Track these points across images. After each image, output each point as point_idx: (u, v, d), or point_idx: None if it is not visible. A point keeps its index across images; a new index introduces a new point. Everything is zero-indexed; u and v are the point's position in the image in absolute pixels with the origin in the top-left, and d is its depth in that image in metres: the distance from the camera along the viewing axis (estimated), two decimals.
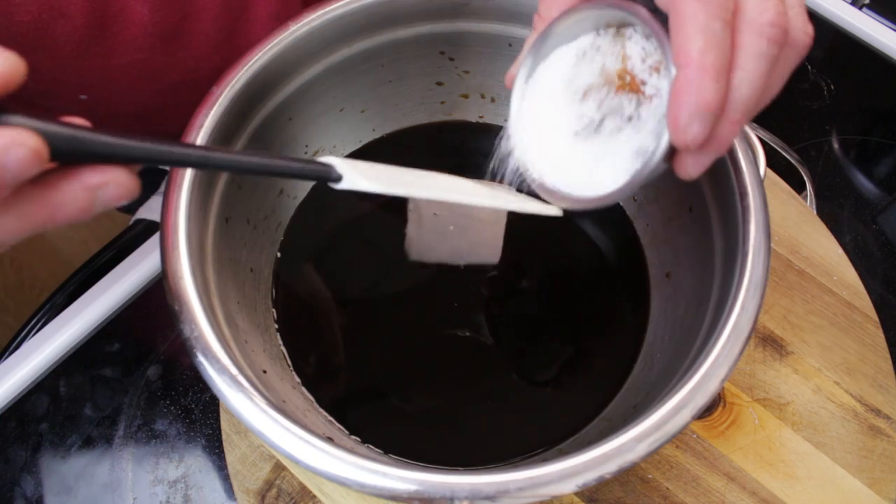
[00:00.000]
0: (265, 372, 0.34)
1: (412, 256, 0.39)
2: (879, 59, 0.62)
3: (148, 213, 0.56)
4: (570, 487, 0.26)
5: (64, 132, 0.21)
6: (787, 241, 0.47)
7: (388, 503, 0.39)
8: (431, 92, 0.45)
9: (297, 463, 0.27)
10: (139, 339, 0.48)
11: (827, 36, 0.64)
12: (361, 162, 0.28)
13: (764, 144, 0.39)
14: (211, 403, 0.45)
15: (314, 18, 0.37)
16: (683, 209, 0.38)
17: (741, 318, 0.29)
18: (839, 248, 0.47)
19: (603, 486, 0.40)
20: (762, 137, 0.53)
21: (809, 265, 0.47)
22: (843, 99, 0.61)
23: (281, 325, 0.40)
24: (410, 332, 0.41)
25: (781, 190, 0.49)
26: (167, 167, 0.31)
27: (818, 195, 0.53)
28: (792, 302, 0.45)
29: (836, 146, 0.58)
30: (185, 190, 0.32)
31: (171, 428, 0.45)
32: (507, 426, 0.38)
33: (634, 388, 0.38)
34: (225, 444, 0.41)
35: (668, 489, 0.40)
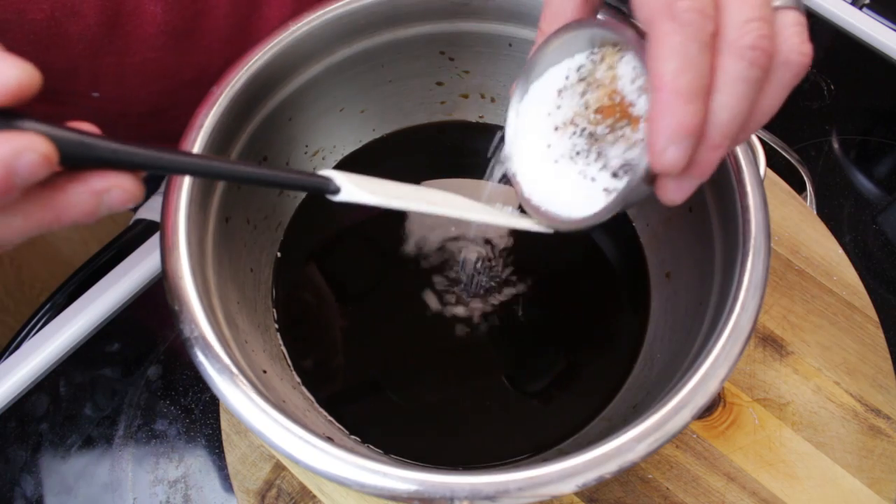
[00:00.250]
0: (265, 372, 0.34)
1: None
2: (879, 59, 0.62)
3: (148, 213, 0.56)
4: (570, 487, 0.26)
5: (73, 138, 0.21)
6: (787, 241, 0.47)
7: (387, 503, 0.39)
8: (431, 92, 0.45)
9: (297, 463, 0.27)
10: (139, 339, 0.48)
11: (827, 36, 0.64)
12: (359, 175, 0.28)
13: (764, 144, 0.39)
14: (211, 403, 0.45)
15: (314, 18, 0.37)
16: (683, 209, 0.38)
17: (741, 318, 0.29)
18: (839, 248, 0.47)
19: (603, 486, 0.40)
20: (762, 137, 0.53)
21: (809, 265, 0.47)
22: (843, 99, 0.61)
23: (281, 325, 0.40)
24: (410, 331, 0.41)
25: (781, 190, 0.49)
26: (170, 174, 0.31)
27: (818, 195, 0.53)
28: (792, 302, 0.45)
29: (836, 146, 0.58)
30: (185, 190, 0.32)
31: (171, 428, 0.45)
32: (507, 426, 0.38)
33: (634, 388, 0.38)
34: (225, 444, 0.41)
35: (668, 489, 0.40)
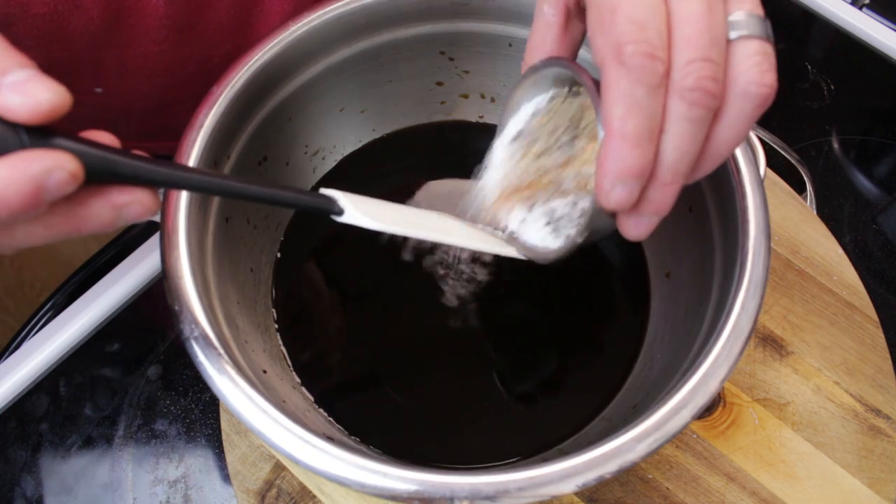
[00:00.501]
0: (265, 372, 0.34)
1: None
2: (879, 59, 0.62)
3: None
4: (570, 487, 0.26)
5: (99, 155, 0.22)
6: (787, 241, 0.47)
7: (387, 503, 0.39)
8: (431, 92, 0.45)
9: (297, 463, 0.27)
10: (139, 339, 0.48)
11: (827, 36, 0.65)
12: (362, 198, 0.29)
13: (764, 144, 0.39)
14: (211, 403, 0.45)
15: (314, 18, 0.37)
16: (683, 209, 0.38)
17: (741, 318, 0.29)
18: (839, 248, 0.47)
19: (603, 486, 0.40)
20: (762, 137, 0.53)
21: (809, 265, 0.46)
22: (843, 99, 0.61)
23: (281, 325, 0.40)
24: (410, 331, 0.41)
25: (781, 190, 0.49)
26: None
27: (818, 195, 0.53)
28: (792, 302, 0.45)
29: (836, 146, 0.58)
30: (185, 191, 0.32)
31: (171, 428, 0.45)
32: (506, 426, 0.38)
33: (634, 388, 0.38)
34: (225, 444, 0.41)
35: (668, 489, 0.40)
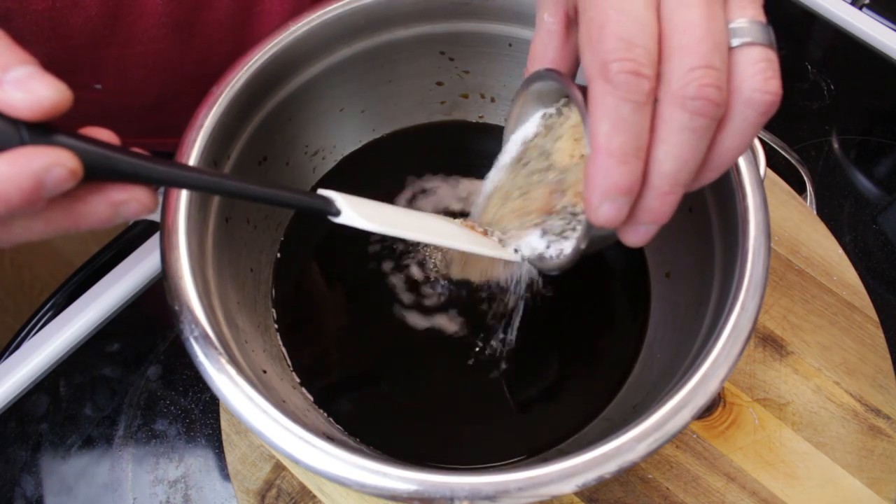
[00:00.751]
0: (265, 372, 0.34)
1: None
2: (879, 59, 0.62)
3: None
4: (570, 487, 0.26)
5: (98, 152, 0.22)
6: (787, 241, 0.47)
7: (387, 503, 0.39)
8: (431, 92, 0.45)
9: (297, 463, 0.27)
10: (139, 338, 0.48)
11: (827, 36, 0.64)
12: (360, 199, 0.29)
13: (764, 144, 0.39)
14: (211, 403, 0.45)
15: (314, 18, 0.37)
16: (683, 209, 0.38)
17: (741, 318, 0.29)
18: (839, 248, 0.47)
19: (603, 486, 0.40)
20: (762, 137, 0.53)
21: (809, 265, 0.46)
22: (843, 99, 0.61)
23: (281, 325, 0.40)
24: (409, 332, 0.41)
25: (781, 190, 0.49)
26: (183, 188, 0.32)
27: (818, 195, 0.53)
28: (792, 302, 0.45)
29: (836, 146, 0.58)
30: (185, 190, 0.32)
31: (171, 428, 0.45)
32: (506, 426, 0.38)
33: (634, 388, 0.38)
34: (225, 444, 0.41)
35: (668, 489, 0.40)
